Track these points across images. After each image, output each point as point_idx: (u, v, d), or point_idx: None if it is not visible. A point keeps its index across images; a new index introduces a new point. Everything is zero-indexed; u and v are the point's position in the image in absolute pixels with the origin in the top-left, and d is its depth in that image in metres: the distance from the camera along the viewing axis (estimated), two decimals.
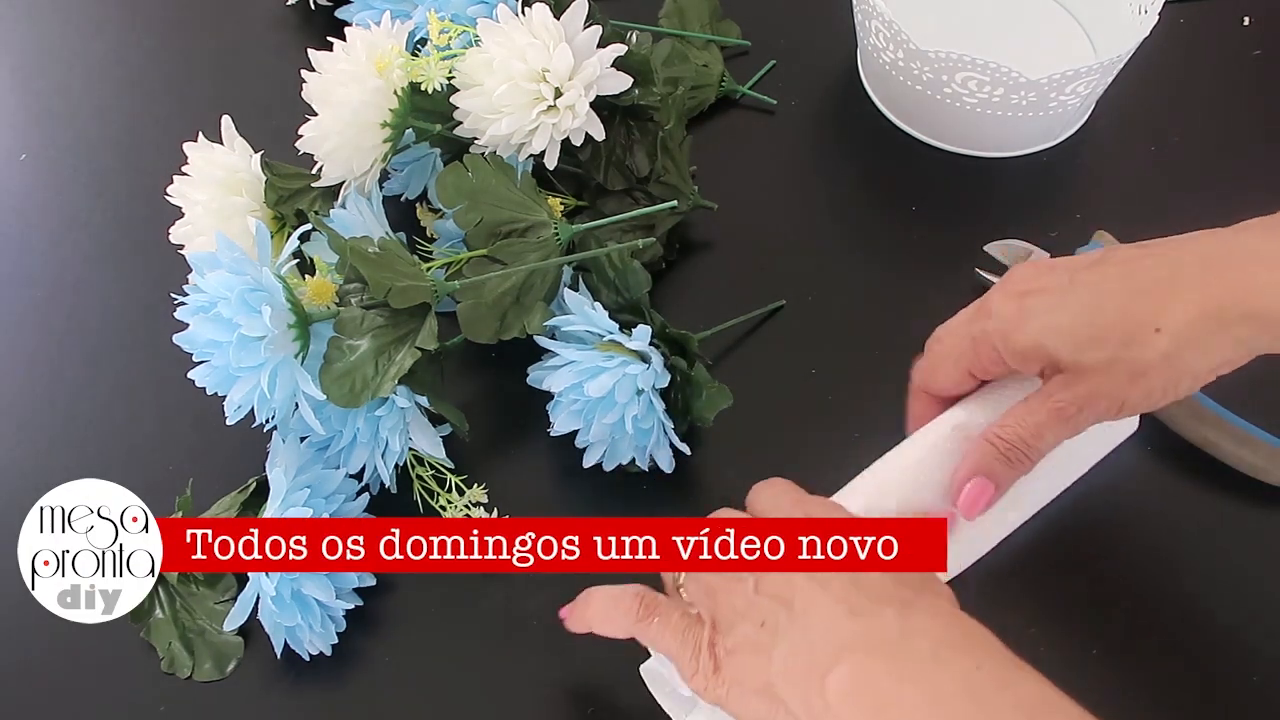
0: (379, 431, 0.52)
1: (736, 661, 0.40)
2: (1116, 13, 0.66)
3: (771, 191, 0.66)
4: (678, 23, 0.71)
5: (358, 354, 0.50)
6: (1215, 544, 0.54)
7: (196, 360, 0.49)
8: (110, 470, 0.50)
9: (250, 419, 0.50)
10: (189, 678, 0.51)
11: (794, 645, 0.38)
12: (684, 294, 0.62)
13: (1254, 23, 0.72)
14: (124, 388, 0.61)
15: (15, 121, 0.73)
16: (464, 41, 0.56)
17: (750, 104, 0.70)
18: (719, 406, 0.51)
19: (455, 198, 0.53)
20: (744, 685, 0.40)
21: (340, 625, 0.51)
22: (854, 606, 0.38)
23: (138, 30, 0.77)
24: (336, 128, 0.53)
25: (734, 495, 0.56)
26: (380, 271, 0.49)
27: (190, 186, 0.56)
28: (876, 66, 0.67)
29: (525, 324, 0.53)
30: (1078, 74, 0.58)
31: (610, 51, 0.54)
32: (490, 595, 0.53)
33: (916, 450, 0.47)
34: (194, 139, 0.57)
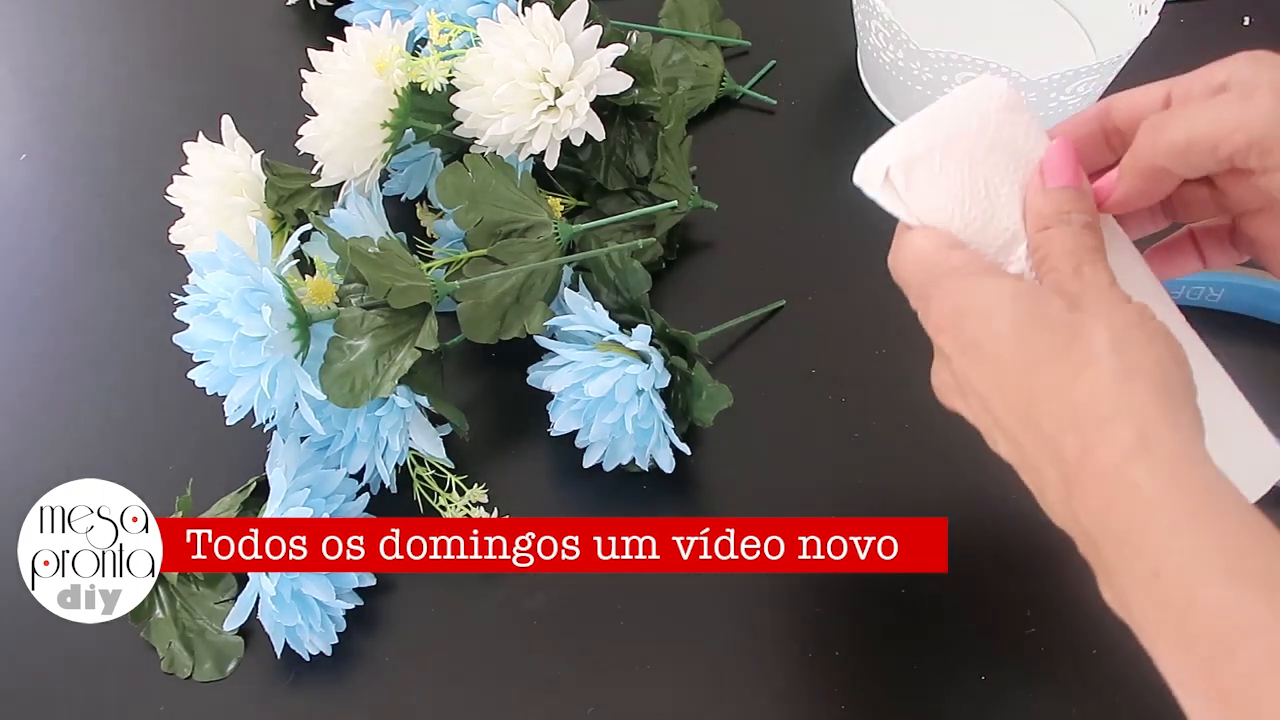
0: (379, 431, 0.52)
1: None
2: (1116, 13, 0.66)
3: (771, 191, 0.66)
4: (678, 23, 0.71)
5: (358, 354, 0.50)
6: None
7: (196, 360, 0.49)
8: (110, 470, 0.50)
9: (250, 419, 0.50)
10: (189, 678, 0.51)
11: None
12: (684, 294, 0.62)
13: (1254, 23, 0.72)
14: (124, 388, 0.61)
15: (15, 121, 0.73)
16: (464, 41, 0.56)
17: (750, 104, 0.70)
18: (719, 406, 0.51)
19: (455, 198, 0.53)
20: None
21: (340, 625, 0.51)
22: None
23: (138, 30, 0.77)
24: (336, 128, 0.53)
25: (734, 495, 0.56)
26: (380, 271, 0.49)
27: (190, 186, 0.56)
28: (876, 66, 0.67)
29: (525, 324, 0.53)
30: (1078, 74, 0.58)
31: (610, 51, 0.54)
32: (490, 595, 0.53)
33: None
34: (194, 139, 0.57)
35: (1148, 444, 0.31)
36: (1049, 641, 0.50)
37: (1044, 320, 0.35)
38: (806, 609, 0.52)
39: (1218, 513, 0.31)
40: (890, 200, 0.40)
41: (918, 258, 0.39)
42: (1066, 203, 0.37)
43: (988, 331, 0.35)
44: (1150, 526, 0.31)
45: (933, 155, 0.39)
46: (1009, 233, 0.39)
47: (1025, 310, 0.35)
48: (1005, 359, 0.35)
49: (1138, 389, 0.32)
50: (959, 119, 0.39)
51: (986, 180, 0.39)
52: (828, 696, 0.50)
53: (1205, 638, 0.29)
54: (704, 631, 0.52)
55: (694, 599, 0.53)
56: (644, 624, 0.52)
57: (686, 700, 0.50)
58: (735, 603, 0.52)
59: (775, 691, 0.50)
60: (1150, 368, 0.33)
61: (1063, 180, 0.38)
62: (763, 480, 0.56)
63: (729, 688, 0.51)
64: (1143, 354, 0.33)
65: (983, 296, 0.36)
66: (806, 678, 0.51)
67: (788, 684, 0.51)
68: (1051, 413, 0.33)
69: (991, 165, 0.39)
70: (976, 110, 0.40)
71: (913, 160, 0.39)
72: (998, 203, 0.39)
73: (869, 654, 0.51)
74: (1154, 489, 0.31)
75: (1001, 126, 0.39)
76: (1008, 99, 0.40)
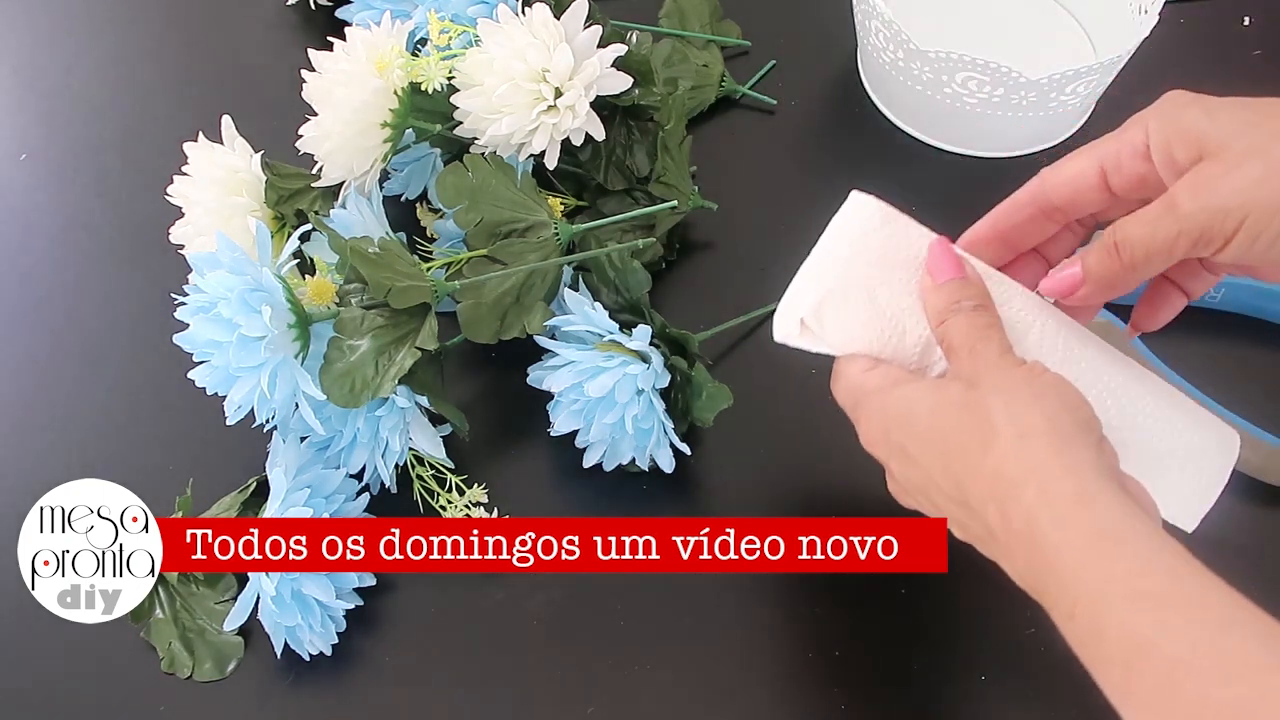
0: (379, 431, 0.52)
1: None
2: (1116, 13, 0.66)
3: (771, 191, 0.66)
4: (678, 23, 0.71)
5: (358, 354, 0.50)
6: (1215, 544, 0.54)
7: (196, 360, 0.49)
8: (110, 470, 0.50)
9: (250, 419, 0.50)
10: (189, 678, 0.51)
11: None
12: (684, 294, 0.62)
13: (1254, 23, 0.72)
14: (124, 388, 0.61)
15: (15, 121, 0.73)
16: (464, 41, 0.56)
17: (750, 104, 0.70)
18: (719, 406, 0.51)
19: (455, 198, 0.53)
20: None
21: (340, 625, 0.51)
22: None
23: (138, 30, 0.77)
24: (336, 128, 0.53)
25: (734, 495, 0.56)
26: (380, 271, 0.49)
27: (190, 186, 0.56)
28: (876, 66, 0.67)
29: (525, 324, 0.53)
30: (1078, 74, 0.58)
31: (610, 51, 0.54)
32: (490, 595, 0.53)
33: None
34: (194, 139, 0.57)
35: (1047, 497, 0.35)
36: (1049, 642, 0.50)
37: (949, 409, 0.39)
38: (806, 609, 0.52)
39: (1113, 543, 0.34)
40: (814, 344, 0.44)
41: (844, 384, 0.44)
42: (955, 293, 0.41)
43: (909, 435, 0.40)
44: (1059, 572, 0.34)
45: (834, 295, 0.43)
46: (924, 338, 0.43)
47: (933, 406, 0.39)
48: (930, 455, 0.39)
49: (1033, 449, 0.36)
50: (847, 252, 0.44)
51: (888, 299, 0.43)
52: (828, 696, 0.50)
53: (1117, 663, 0.32)
54: (704, 632, 0.52)
55: (694, 599, 0.53)
56: (644, 624, 0.52)
57: (686, 700, 0.50)
58: (735, 603, 0.52)
59: (775, 691, 0.50)
60: (1041, 425, 0.36)
61: (946, 275, 0.42)
62: (763, 480, 0.56)
63: (729, 688, 0.51)
64: (1033, 413, 0.36)
65: (898, 405, 0.41)
66: (806, 678, 0.51)
67: (788, 684, 0.51)
68: (976, 491, 0.37)
69: (889, 284, 0.43)
70: (859, 237, 0.44)
71: (819, 305, 0.43)
72: (905, 315, 0.43)
73: (869, 654, 0.51)
74: (1057, 537, 0.34)
75: (886, 244, 0.44)
76: (881, 214, 0.44)
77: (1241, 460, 0.54)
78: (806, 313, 0.44)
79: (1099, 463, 0.36)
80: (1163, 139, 0.39)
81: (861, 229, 0.44)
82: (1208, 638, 0.31)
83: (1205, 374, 0.55)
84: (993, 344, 0.40)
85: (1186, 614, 0.32)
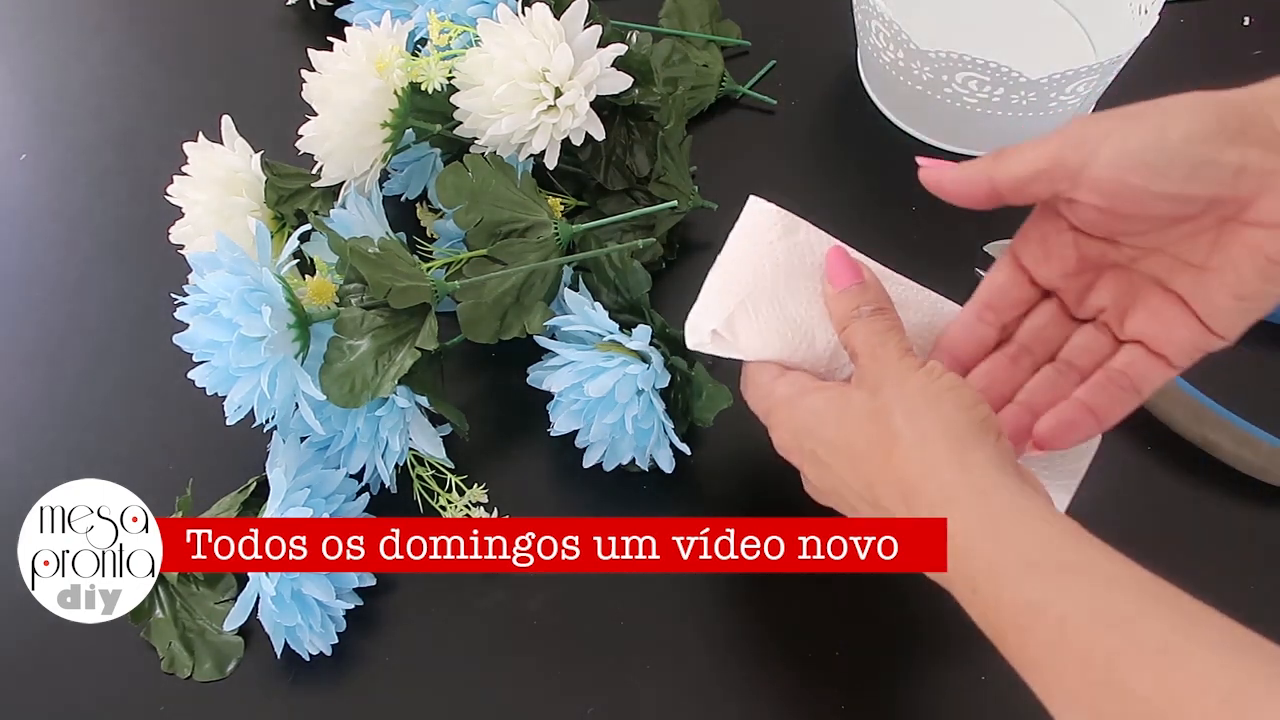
0: (379, 431, 0.52)
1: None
2: (1116, 13, 0.66)
3: (771, 191, 0.66)
4: (678, 23, 0.71)
5: (358, 354, 0.50)
6: (1215, 544, 0.54)
7: (196, 360, 0.49)
8: (110, 470, 0.50)
9: (250, 419, 0.50)
10: (189, 678, 0.51)
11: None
12: (684, 294, 0.61)
13: (1254, 23, 0.72)
14: (124, 388, 0.61)
15: (15, 121, 0.73)
16: (464, 41, 0.56)
17: (750, 104, 0.70)
18: (719, 406, 0.51)
19: (455, 198, 0.53)
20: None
21: (340, 625, 0.51)
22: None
23: (138, 30, 0.77)
24: (336, 128, 0.53)
25: (734, 495, 0.56)
26: (380, 271, 0.49)
27: (190, 186, 0.56)
28: (876, 66, 0.67)
29: (525, 324, 0.53)
30: (1078, 74, 0.58)
31: (610, 51, 0.54)
32: (490, 595, 0.53)
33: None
34: (194, 139, 0.57)
35: (946, 493, 0.38)
36: None
37: (854, 418, 0.41)
38: (807, 609, 0.52)
39: (1009, 526, 0.36)
40: (726, 350, 0.47)
41: (754, 392, 0.46)
42: (854, 299, 0.44)
43: (818, 442, 0.42)
44: (961, 556, 0.37)
45: (744, 306, 0.46)
46: (832, 343, 0.45)
47: (839, 416, 0.42)
48: (840, 460, 0.42)
49: (932, 451, 0.38)
50: (755, 262, 0.46)
51: (795, 308, 0.45)
52: (828, 696, 0.50)
53: (1012, 629, 0.35)
54: (704, 632, 0.52)
55: (694, 599, 0.53)
56: (644, 624, 0.52)
57: (686, 700, 0.50)
58: (735, 603, 0.52)
59: (775, 691, 0.50)
60: (938, 428, 0.39)
61: (844, 282, 0.45)
62: (763, 480, 0.56)
63: (729, 688, 0.51)
64: (930, 418, 0.39)
65: (806, 415, 0.43)
66: (806, 678, 0.51)
67: (788, 684, 0.51)
68: (885, 493, 0.40)
69: (796, 293, 0.46)
70: (765, 246, 0.46)
71: (729, 316, 0.46)
72: (813, 323, 0.45)
73: (869, 654, 0.51)
74: (956, 526, 0.37)
75: (790, 253, 0.46)
76: (782, 225, 0.46)
77: (1242, 460, 0.54)
78: (719, 323, 0.46)
79: (996, 458, 0.38)
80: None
81: (766, 238, 0.46)
82: (1090, 594, 0.34)
83: (1205, 374, 0.55)
84: (890, 347, 0.42)
85: (1073, 577, 0.35)
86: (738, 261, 0.47)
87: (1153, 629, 0.32)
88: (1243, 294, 0.40)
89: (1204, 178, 0.38)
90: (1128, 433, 0.56)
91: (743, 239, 0.47)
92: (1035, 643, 0.34)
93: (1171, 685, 0.31)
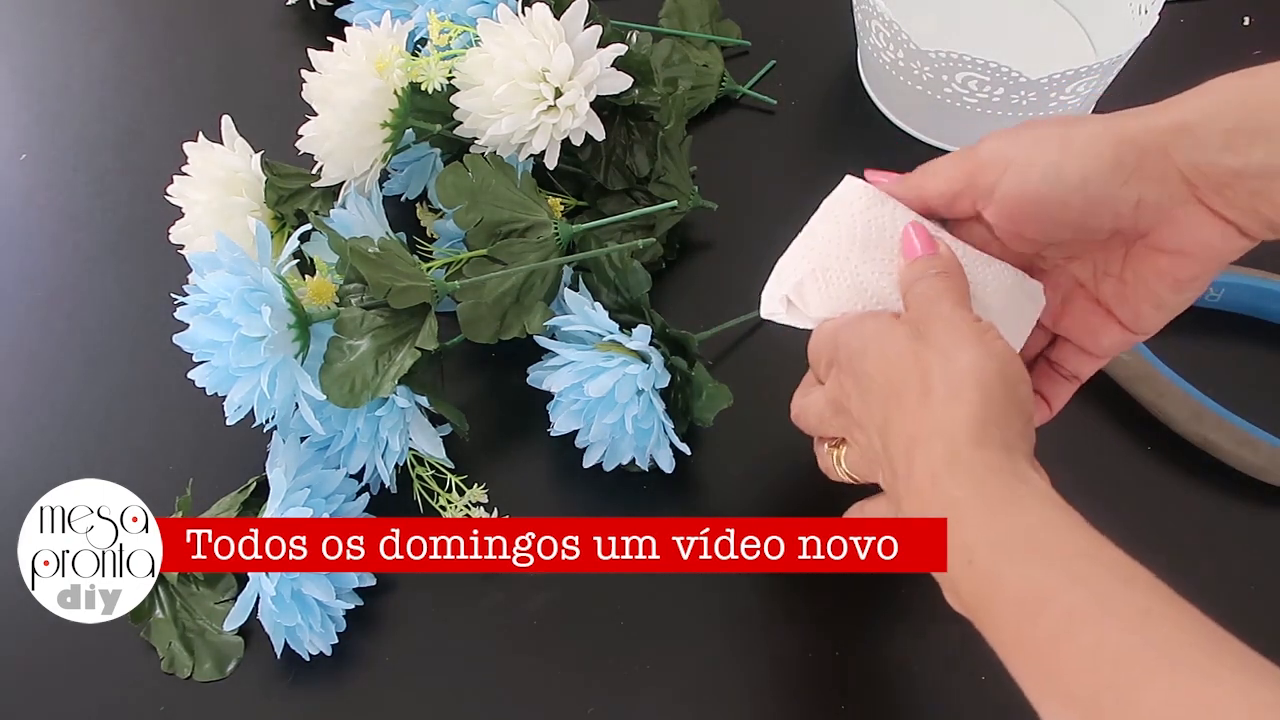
0: (379, 431, 0.52)
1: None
2: (1116, 13, 0.66)
3: (771, 191, 0.66)
4: (678, 23, 0.71)
5: (358, 354, 0.50)
6: (1215, 544, 0.54)
7: (196, 360, 0.49)
8: (110, 470, 0.50)
9: (250, 419, 0.50)
10: (189, 678, 0.51)
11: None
12: (684, 294, 0.62)
13: (1254, 23, 0.72)
14: (124, 388, 0.61)
15: (15, 121, 0.73)
16: (464, 41, 0.56)
17: (750, 104, 0.70)
18: (719, 406, 0.51)
19: (455, 198, 0.53)
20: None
21: (340, 625, 0.51)
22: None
23: (138, 30, 0.77)
24: (336, 128, 0.53)
25: (734, 495, 0.56)
26: (380, 271, 0.49)
27: (190, 186, 0.56)
28: (876, 66, 0.67)
29: (525, 324, 0.53)
30: (1078, 74, 0.58)
31: (610, 51, 0.54)
32: (490, 595, 0.53)
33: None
34: (194, 139, 0.57)
35: (958, 458, 0.36)
36: None
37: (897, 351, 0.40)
38: (806, 609, 0.52)
39: (1019, 509, 0.35)
40: (798, 320, 0.46)
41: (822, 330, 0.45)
42: (924, 265, 0.43)
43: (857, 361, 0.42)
44: (962, 524, 0.36)
45: (817, 274, 0.45)
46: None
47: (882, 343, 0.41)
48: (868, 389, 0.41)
49: (955, 413, 0.37)
50: (834, 233, 0.45)
51: (870, 277, 0.45)
52: (828, 696, 0.50)
53: (1012, 608, 0.34)
54: (704, 631, 0.52)
55: (694, 600, 0.53)
56: (644, 624, 0.52)
57: (686, 700, 0.50)
58: (735, 603, 0.52)
59: (775, 691, 0.50)
60: (973, 391, 0.37)
61: (917, 254, 0.43)
62: (763, 480, 0.56)
63: (729, 687, 0.51)
64: (969, 379, 0.38)
65: (852, 335, 0.43)
66: (806, 678, 0.51)
67: (788, 684, 0.51)
68: (895, 439, 0.39)
69: (871, 262, 0.45)
70: (847, 218, 0.45)
71: (802, 283, 0.45)
72: (884, 294, 0.44)
73: (869, 654, 0.51)
74: (960, 494, 0.36)
75: (869, 226, 0.45)
76: (867, 198, 0.45)
77: (1242, 460, 0.54)
78: (790, 289, 0.45)
79: (1017, 443, 0.37)
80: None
81: (849, 211, 0.45)
82: (1107, 588, 0.32)
83: (1205, 374, 0.55)
84: (946, 299, 0.41)
85: (1087, 568, 0.33)
86: (817, 233, 0.46)
87: (1172, 637, 0.31)
88: (1160, 305, 0.43)
89: (1101, 213, 0.40)
90: (1128, 433, 0.56)
91: (827, 211, 0.46)
92: (1038, 634, 0.33)
93: (1187, 700, 0.29)
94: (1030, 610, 0.33)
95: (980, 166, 0.42)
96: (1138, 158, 0.39)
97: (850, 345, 0.42)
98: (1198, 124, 0.38)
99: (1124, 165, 0.39)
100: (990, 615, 0.35)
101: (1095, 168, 0.39)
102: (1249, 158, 0.37)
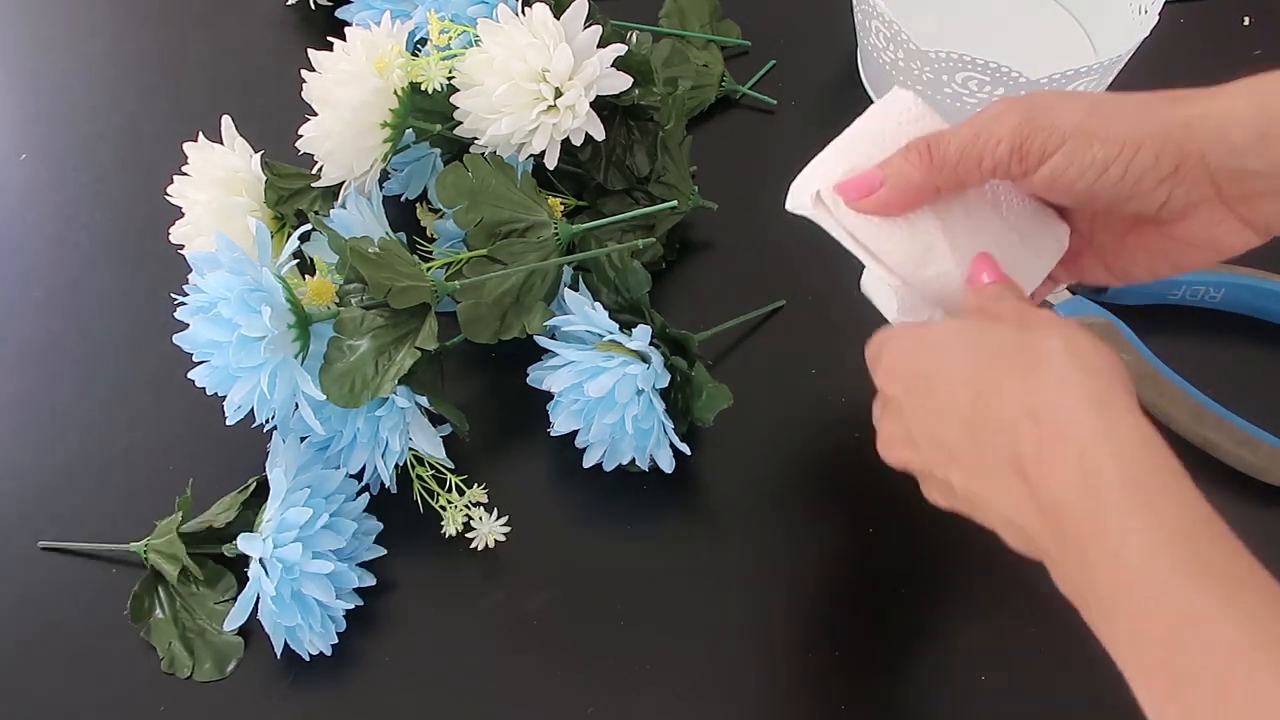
0: (379, 431, 0.52)
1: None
2: (1116, 13, 0.66)
3: (771, 191, 0.66)
4: (678, 23, 0.71)
5: (358, 354, 0.50)
6: None
7: (196, 360, 0.49)
8: (110, 470, 0.50)
9: (250, 419, 0.50)
10: (189, 678, 0.51)
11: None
12: (684, 294, 0.62)
13: (1254, 23, 0.72)
14: (124, 388, 0.61)
15: (15, 121, 0.73)
16: (464, 41, 0.56)
17: (750, 104, 0.70)
18: (719, 406, 0.51)
19: (455, 198, 0.53)
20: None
21: (340, 625, 0.51)
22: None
23: (137, 30, 0.77)
24: (336, 128, 0.53)
25: (734, 495, 0.56)
26: (380, 271, 0.49)
27: (190, 186, 0.56)
28: (876, 66, 0.67)
29: (525, 324, 0.53)
30: (1078, 74, 0.58)
31: (610, 51, 0.54)
32: (490, 595, 0.53)
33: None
34: (194, 139, 0.57)
35: (1114, 432, 0.33)
36: (1049, 642, 0.50)
37: (994, 339, 0.38)
38: (807, 609, 0.52)
39: (1175, 501, 0.32)
40: (823, 217, 0.44)
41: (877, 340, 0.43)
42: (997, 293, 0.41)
43: (938, 360, 0.39)
44: (1113, 510, 0.32)
45: (852, 176, 0.43)
46: (929, 235, 0.42)
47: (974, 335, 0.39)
48: (954, 376, 0.38)
49: (1101, 384, 0.34)
50: (876, 139, 0.43)
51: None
52: (828, 695, 0.50)
53: (1161, 621, 0.31)
54: (704, 631, 0.52)
55: (694, 599, 0.53)
56: (644, 624, 0.52)
57: (686, 700, 0.50)
58: (734, 602, 0.52)
59: (775, 690, 0.50)
60: (1109, 369, 0.35)
61: (984, 280, 0.42)
62: (763, 480, 0.56)
63: (729, 687, 0.51)
64: (1098, 358, 0.35)
65: (931, 334, 0.40)
66: (806, 677, 0.51)
67: (788, 683, 0.51)
68: (1003, 409, 0.36)
69: None
70: (890, 126, 0.43)
71: (835, 182, 0.43)
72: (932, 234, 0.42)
73: (869, 654, 0.51)
74: (1116, 475, 0.32)
75: (914, 138, 0.42)
76: (916, 111, 0.44)
77: (1242, 460, 0.54)
78: (823, 186, 0.43)
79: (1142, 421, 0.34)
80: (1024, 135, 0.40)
81: (896, 120, 0.44)
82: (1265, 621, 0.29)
83: (1205, 374, 0.55)
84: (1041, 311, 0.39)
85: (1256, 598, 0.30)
86: (859, 135, 0.44)
87: None
88: (1152, 273, 0.44)
89: (1129, 207, 0.40)
90: None
91: (873, 117, 0.45)
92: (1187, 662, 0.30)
93: None
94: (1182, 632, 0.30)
95: (1033, 130, 0.40)
96: (1176, 161, 0.39)
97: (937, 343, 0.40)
98: (1234, 127, 0.38)
99: (1161, 169, 0.39)
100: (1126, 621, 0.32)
101: (1134, 174, 0.39)
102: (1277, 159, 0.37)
